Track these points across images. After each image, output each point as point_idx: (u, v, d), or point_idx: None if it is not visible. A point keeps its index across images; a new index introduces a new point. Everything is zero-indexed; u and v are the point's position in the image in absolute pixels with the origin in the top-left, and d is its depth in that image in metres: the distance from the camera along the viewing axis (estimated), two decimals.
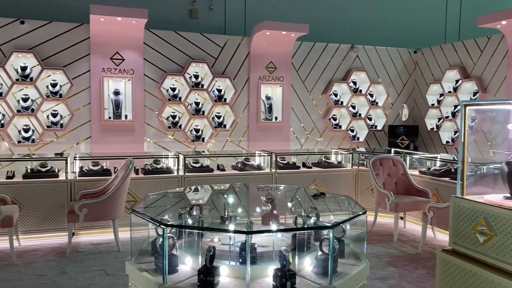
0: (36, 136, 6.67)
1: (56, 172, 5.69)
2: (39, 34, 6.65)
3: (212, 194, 3.55)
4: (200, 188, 3.92)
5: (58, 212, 5.43)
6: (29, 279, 4.25)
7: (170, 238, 2.30)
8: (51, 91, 6.69)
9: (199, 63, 7.44)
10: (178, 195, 3.53)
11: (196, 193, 3.63)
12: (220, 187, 4.57)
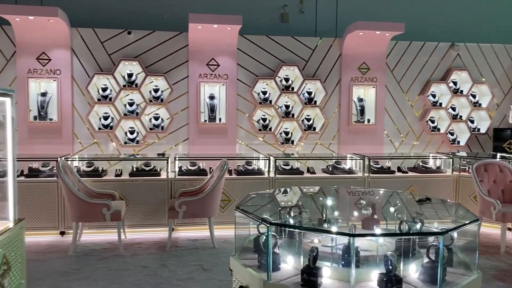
0: (140, 138, 7.20)
1: (158, 171, 6.09)
2: (143, 43, 7.18)
3: (306, 197, 3.56)
4: (294, 190, 3.96)
5: (159, 209, 5.80)
6: (134, 269, 4.58)
7: (273, 237, 2.35)
8: (154, 96, 7.18)
9: (289, 66, 7.50)
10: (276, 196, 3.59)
11: (291, 195, 3.66)
12: (313, 190, 4.55)
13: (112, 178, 5.88)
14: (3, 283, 2.07)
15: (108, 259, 4.88)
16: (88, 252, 5.11)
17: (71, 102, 7.00)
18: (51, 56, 6.85)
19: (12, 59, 6.86)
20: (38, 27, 6.53)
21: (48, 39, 6.77)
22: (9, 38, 6.82)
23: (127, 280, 4.30)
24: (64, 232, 5.74)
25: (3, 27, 6.79)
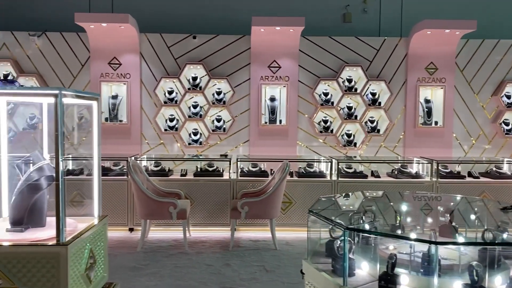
0: (203, 139, 7.38)
1: (221, 172, 6.20)
2: (207, 47, 7.35)
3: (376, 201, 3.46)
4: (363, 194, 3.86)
5: (222, 208, 5.90)
6: (199, 267, 4.69)
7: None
8: (216, 98, 7.33)
9: (353, 66, 7.36)
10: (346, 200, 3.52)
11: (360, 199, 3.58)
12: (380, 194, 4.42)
13: (178, 178, 6.06)
14: (90, 275, 2.20)
15: (174, 256, 5.03)
16: (155, 249, 5.30)
17: (140, 104, 7.31)
18: (121, 60, 7.20)
19: (86, 64, 7.28)
20: (110, 34, 6.89)
21: (119, 44, 7.12)
22: (84, 44, 7.26)
23: (192, 277, 4.40)
24: (132, 229, 6.01)
25: (79, 34, 7.24)
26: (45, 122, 2.44)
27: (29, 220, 2.17)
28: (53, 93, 1.97)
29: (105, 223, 2.51)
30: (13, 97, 2.27)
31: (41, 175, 2.14)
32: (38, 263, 1.99)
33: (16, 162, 2.18)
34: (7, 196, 2.29)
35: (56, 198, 1.96)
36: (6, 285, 1.92)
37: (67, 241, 2.10)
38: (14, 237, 2.09)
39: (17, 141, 7.03)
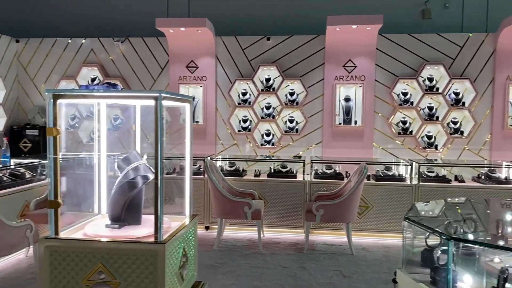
0: (275, 140, 7.39)
1: (295, 173, 6.15)
2: (281, 48, 7.35)
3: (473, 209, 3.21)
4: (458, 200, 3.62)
5: (296, 210, 5.85)
6: (274, 268, 4.68)
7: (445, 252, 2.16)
8: (289, 99, 7.31)
9: (434, 65, 6.98)
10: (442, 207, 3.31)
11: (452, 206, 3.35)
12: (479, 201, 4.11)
13: (252, 178, 6.11)
14: (182, 273, 2.26)
15: (249, 256, 5.07)
16: (230, 248, 5.38)
17: (215, 106, 7.49)
18: (198, 64, 7.42)
19: (165, 68, 7.60)
20: (188, 38, 7.13)
21: (196, 48, 7.34)
22: (164, 48, 7.57)
23: (268, 278, 4.40)
24: (208, 227, 6.15)
25: (159, 39, 7.57)
26: (138, 123, 2.56)
27: (126, 217, 2.28)
28: (153, 96, 2.05)
29: (195, 222, 2.58)
30: (115, 100, 2.39)
31: (137, 175, 2.24)
32: (137, 260, 2.07)
33: (116, 161, 2.30)
34: (106, 194, 2.43)
35: (154, 197, 2.04)
36: (108, 279, 2.03)
37: (164, 240, 2.18)
38: (111, 234, 2.21)
39: (101, 141, 7.50)
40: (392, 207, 5.67)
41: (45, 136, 6.78)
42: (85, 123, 7.75)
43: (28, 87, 8.09)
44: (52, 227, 2.08)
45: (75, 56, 7.87)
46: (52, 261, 2.06)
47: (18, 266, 4.51)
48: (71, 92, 2.12)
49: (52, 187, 2.03)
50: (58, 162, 1.99)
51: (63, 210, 2.08)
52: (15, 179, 5.09)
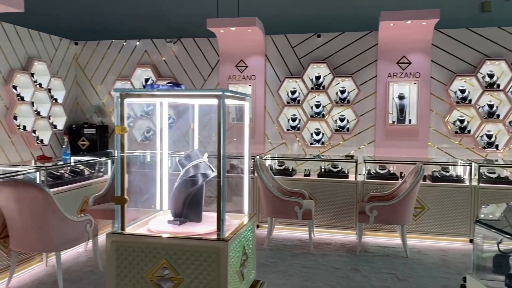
0: (325, 139, 7.29)
1: (346, 173, 6.03)
2: (331, 45, 7.24)
3: None
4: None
5: (347, 211, 5.73)
6: (326, 269, 4.60)
7: None
8: (340, 97, 7.18)
9: (495, 60, 6.61)
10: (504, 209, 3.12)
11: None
12: None
13: (301, 178, 6.05)
14: (243, 272, 2.26)
15: (300, 256, 5.02)
16: (280, 247, 5.35)
17: (264, 105, 7.49)
18: (247, 63, 7.45)
19: (216, 67, 7.69)
20: (238, 37, 7.17)
21: (246, 47, 7.37)
22: (214, 48, 7.67)
23: (320, 279, 4.33)
24: (258, 226, 6.16)
25: (210, 39, 7.67)
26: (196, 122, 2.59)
27: (187, 214, 2.32)
28: (217, 94, 2.07)
29: (254, 221, 2.57)
30: (177, 99, 2.42)
31: (197, 172, 2.27)
32: (200, 256, 2.10)
33: (178, 158, 2.34)
34: (167, 191, 2.48)
35: (217, 195, 2.05)
36: (172, 275, 2.06)
37: (226, 237, 2.20)
38: (174, 230, 2.25)
39: (156, 140, 7.71)
40: (449, 209, 5.42)
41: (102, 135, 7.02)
42: (139, 122, 8.00)
43: (86, 87, 8.46)
44: (119, 222, 2.14)
45: (130, 58, 8.14)
46: (119, 256, 2.13)
47: (78, 259, 4.72)
48: (138, 91, 2.17)
49: (118, 184, 2.09)
50: (125, 159, 2.05)
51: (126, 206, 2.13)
52: (75, 176, 5.32)
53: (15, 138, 6.95)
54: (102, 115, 8.39)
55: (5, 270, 3.96)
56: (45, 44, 7.64)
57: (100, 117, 8.43)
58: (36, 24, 7.19)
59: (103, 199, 5.27)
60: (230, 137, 3.57)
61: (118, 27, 7.46)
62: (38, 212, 3.71)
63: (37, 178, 4.57)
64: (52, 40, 7.83)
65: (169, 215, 2.43)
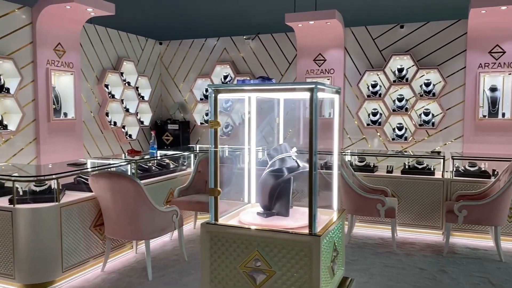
0: (408, 134, 6.97)
1: (432, 170, 5.72)
2: (416, 36, 6.90)
3: None
4: None
5: (433, 210, 5.44)
6: (411, 270, 4.40)
7: None
8: (424, 90, 6.82)
9: None
10: None
11: None
12: None
13: (383, 174, 5.84)
14: (333, 268, 2.24)
15: (382, 255, 4.86)
16: (361, 245, 5.22)
17: (342, 98, 7.34)
18: (326, 56, 7.34)
19: (293, 62, 7.68)
20: (316, 31, 7.09)
21: (324, 41, 7.27)
22: (292, 43, 7.65)
23: (404, 280, 4.17)
24: None
25: (287, 34, 7.67)
26: (282, 116, 2.60)
27: (275, 207, 2.35)
28: (309, 87, 2.06)
29: (343, 217, 2.53)
30: (269, 93, 2.44)
31: (283, 166, 2.28)
32: (292, 250, 2.12)
33: (267, 151, 2.37)
34: (255, 184, 2.53)
35: (309, 189, 2.04)
36: (264, 267, 2.10)
37: (319, 232, 2.18)
38: (267, 222, 2.29)
39: (234, 135, 7.88)
40: None
41: (184, 130, 7.32)
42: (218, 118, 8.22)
43: (169, 85, 8.88)
44: (212, 213, 2.22)
45: (210, 56, 8.40)
46: (212, 246, 2.21)
47: (164, 247, 4.97)
48: (231, 87, 2.22)
49: (212, 176, 2.16)
50: (218, 152, 2.11)
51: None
52: (161, 169, 5.61)
53: (107, 133, 7.50)
54: (184, 112, 8.75)
55: (100, 256, 4.29)
56: (133, 44, 8.13)
57: (182, 113, 8.80)
58: (125, 26, 7.67)
59: (187, 191, 5.50)
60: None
61: (199, 26, 7.73)
62: (130, 202, 3.96)
63: (128, 170, 4.88)
64: (139, 41, 8.31)
65: (258, 208, 2.47)
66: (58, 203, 3.85)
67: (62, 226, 3.86)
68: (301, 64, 7.50)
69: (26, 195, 3.91)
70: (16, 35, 5.77)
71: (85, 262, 4.13)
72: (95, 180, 4.01)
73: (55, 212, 3.80)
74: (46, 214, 3.76)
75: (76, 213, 4.01)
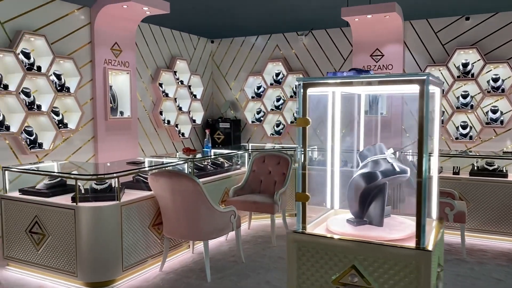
0: (473, 133, 6.52)
1: (504, 172, 5.29)
2: (482, 28, 6.44)
3: None
4: None
5: (506, 215, 5.03)
6: (486, 280, 4.07)
7: None
8: (492, 86, 6.36)
9: None
10: None
11: None
12: None
13: (449, 176, 5.48)
14: (438, 286, 2.00)
15: (452, 263, 4.53)
16: None
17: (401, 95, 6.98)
18: (384, 51, 7.01)
19: (348, 58, 7.39)
20: (374, 25, 6.77)
21: (382, 35, 6.94)
22: (347, 38, 7.37)
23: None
24: None
25: (342, 29, 7.39)
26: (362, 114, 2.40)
27: (367, 215, 2.12)
28: (419, 79, 1.85)
29: (443, 227, 2.26)
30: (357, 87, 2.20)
31: (375, 169, 2.06)
32: (395, 265, 1.89)
33: (359, 152, 2.17)
34: (339, 188, 2.30)
35: (417, 197, 1.82)
36: (362, 284, 1.86)
37: (428, 246, 1.94)
38: (361, 233, 2.04)
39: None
40: None
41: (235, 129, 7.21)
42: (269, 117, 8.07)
43: (220, 84, 8.83)
44: (300, 221, 2.00)
45: (261, 53, 8.27)
46: (300, 257, 1.99)
47: (220, 248, 4.88)
48: (323, 80, 2.02)
49: (299, 179, 1.97)
50: (306, 154, 1.93)
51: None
52: (216, 168, 5.54)
53: (161, 131, 7.54)
54: (235, 110, 8.68)
55: (158, 255, 4.25)
56: (186, 43, 8.14)
57: (233, 112, 8.73)
58: (177, 25, 7.68)
59: (242, 191, 5.39)
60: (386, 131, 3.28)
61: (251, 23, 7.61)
62: (190, 202, 3.89)
63: (185, 169, 4.83)
64: (192, 39, 8.31)
65: (344, 215, 2.25)
66: (119, 201, 3.84)
67: (123, 225, 3.84)
68: (357, 60, 7.20)
69: (87, 193, 3.93)
70: (76, 35, 5.88)
71: (144, 261, 4.10)
72: (154, 179, 3.97)
73: (116, 211, 3.79)
74: (108, 212, 3.76)
75: (135, 212, 3.98)
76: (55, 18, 5.63)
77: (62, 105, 5.83)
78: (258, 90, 8.29)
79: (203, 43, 8.61)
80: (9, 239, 4.16)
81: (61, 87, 5.70)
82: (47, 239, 3.89)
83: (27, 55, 5.33)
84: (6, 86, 5.08)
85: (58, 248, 3.83)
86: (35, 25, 5.40)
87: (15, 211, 4.10)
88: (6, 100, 5.17)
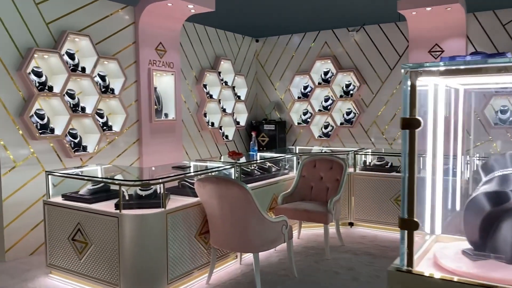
0: None
1: None
2: None
3: None
4: None
5: None
6: None
7: None
8: None
9: None
10: None
11: None
12: None
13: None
14: None
15: None
16: None
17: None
18: (444, 47, 6.45)
19: (404, 55, 6.88)
20: (433, 18, 6.23)
21: (442, 29, 6.38)
22: (403, 34, 6.86)
23: None
24: None
25: (397, 24, 6.89)
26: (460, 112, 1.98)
27: (492, 247, 1.59)
28: None
29: None
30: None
31: (505, 187, 1.58)
32: None
33: (481, 163, 1.75)
34: (442, 206, 1.84)
35: None
36: None
37: None
38: (493, 276, 1.53)
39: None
40: None
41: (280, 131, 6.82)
42: (316, 117, 7.66)
43: (265, 84, 8.51)
44: (405, 256, 1.50)
45: (309, 51, 7.88)
46: None
47: (269, 259, 4.54)
48: (442, 67, 1.54)
49: (404, 199, 1.53)
50: (415, 165, 1.48)
51: None
52: (263, 173, 5.21)
53: (205, 134, 7.31)
54: (280, 111, 8.34)
55: (205, 266, 3.97)
56: (230, 43, 7.89)
57: (278, 113, 8.39)
58: (222, 24, 7.44)
59: (291, 198, 5.04)
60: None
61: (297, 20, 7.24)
62: (238, 210, 3.58)
63: (232, 174, 4.53)
64: (236, 39, 8.04)
65: (449, 242, 1.78)
66: (164, 209, 3.58)
67: (168, 234, 3.59)
68: (414, 56, 6.67)
69: (131, 200, 3.71)
70: (120, 36, 5.74)
71: (190, 273, 3.83)
72: (201, 185, 3.69)
73: (161, 219, 3.54)
74: (153, 220, 3.51)
75: (181, 220, 3.72)
76: (99, 18, 5.50)
77: (106, 107, 5.69)
78: (305, 90, 7.90)
79: (247, 42, 8.33)
80: (52, 246, 4.01)
81: (105, 88, 5.57)
82: (90, 248, 3.70)
83: (72, 56, 5.22)
84: (51, 87, 4.98)
85: (101, 257, 3.62)
86: (80, 25, 5.29)
87: (58, 217, 3.94)
88: (51, 102, 5.07)
